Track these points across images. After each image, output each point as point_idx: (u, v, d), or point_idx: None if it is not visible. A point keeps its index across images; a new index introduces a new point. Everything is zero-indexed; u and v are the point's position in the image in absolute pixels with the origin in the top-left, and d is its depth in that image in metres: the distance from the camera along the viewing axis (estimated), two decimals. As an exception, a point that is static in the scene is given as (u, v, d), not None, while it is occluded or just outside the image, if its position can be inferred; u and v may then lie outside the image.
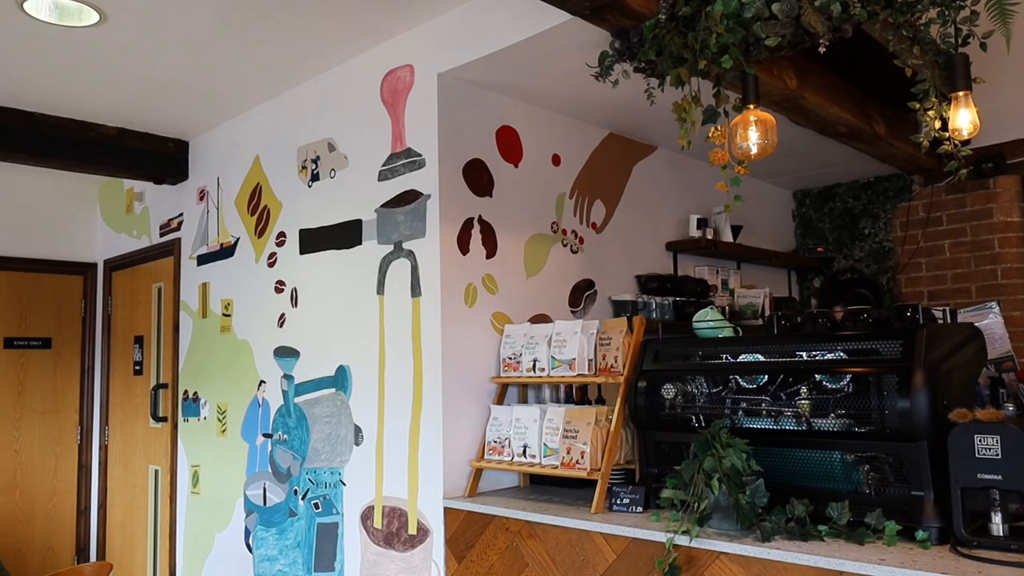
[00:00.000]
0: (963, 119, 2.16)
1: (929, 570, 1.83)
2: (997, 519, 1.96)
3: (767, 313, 4.29)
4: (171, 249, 4.71)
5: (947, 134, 2.21)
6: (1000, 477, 1.93)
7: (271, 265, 3.94)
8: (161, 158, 4.54)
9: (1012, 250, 4.58)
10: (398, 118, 3.30)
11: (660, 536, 2.29)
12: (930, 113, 2.22)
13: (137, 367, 5.05)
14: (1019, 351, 3.70)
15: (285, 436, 3.75)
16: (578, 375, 2.87)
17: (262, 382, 3.93)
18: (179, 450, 4.53)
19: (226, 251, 4.27)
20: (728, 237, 4.48)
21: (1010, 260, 4.57)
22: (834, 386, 2.27)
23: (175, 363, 4.61)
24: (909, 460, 2.12)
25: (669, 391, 2.59)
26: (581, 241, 3.70)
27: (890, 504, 2.16)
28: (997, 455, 1.93)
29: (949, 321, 2.51)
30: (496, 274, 3.26)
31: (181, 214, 4.68)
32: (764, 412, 2.41)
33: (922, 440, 2.08)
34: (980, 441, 1.95)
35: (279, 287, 3.87)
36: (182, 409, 4.53)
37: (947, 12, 2.08)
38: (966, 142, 2.32)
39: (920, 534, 2.04)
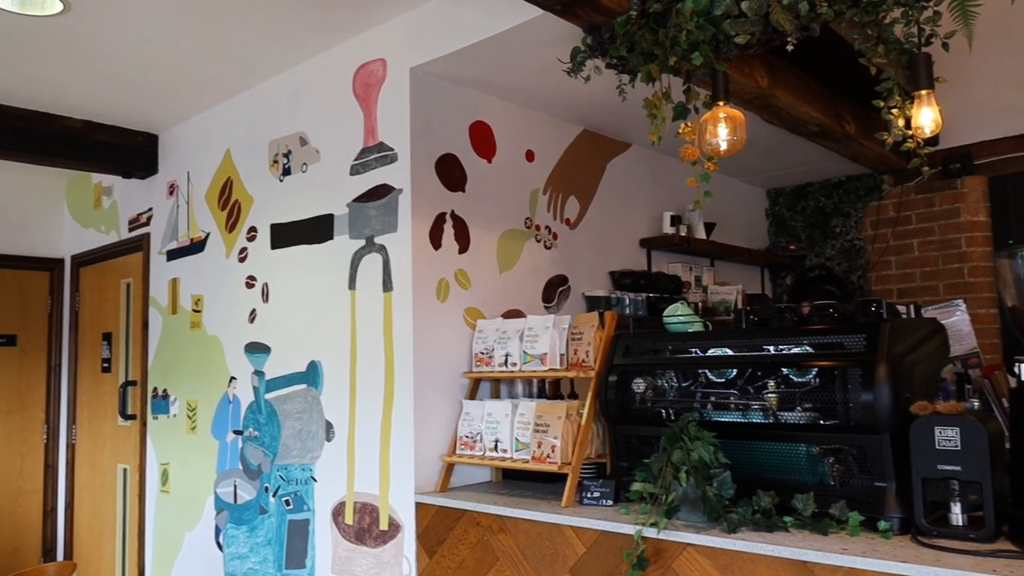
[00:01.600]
0: (925, 117, 2.20)
1: (889, 559, 1.86)
2: (956, 509, 1.99)
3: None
4: (140, 244, 4.65)
5: (910, 132, 2.25)
6: (959, 468, 1.96)
7: (242, 260, 3.90)
8: (130, 152, 4.48)
9: (978, 249, 4.66)
10: (370, 112, 3.29)
11: (629, 529, 2.30)
12: (894, 111, 2.26)
13: (105, 364, 4.97)
14: (985, 348, 3.77)
15: (256, 433, 3.72)
16: (550, 370, 2.88)
17: (233, 378, 3.89)
18: (148, 448, 4.48)
19: (196, 246, 4.23)
20: (701, 234, 4.52)
21: (976, 259, 4.66)
22: (800, 380, 2.29)
23: (144, 360, 4.55)
24: (872, 452, 2.16)
25: (639, 385, 2.61)
26: (555, 237, 3.71)
27: (854, 495, 2.19)
28: (956, 446, 1.97)
29: (913, 316, 2.55)
30: (469, 269, 3.26)
31: (150, 209, 4.62)
32: (732, 405, 2.43)
33: (885, 432, 2.11)
34: (940, 433, 1.98)
35: (250, 282, 3.83)
36: (151, 407, 4.48)
37: (911, 12, 2.11)
38: (929, 141, 2.36)
39: (882, 524, 2.07)
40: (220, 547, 3.88)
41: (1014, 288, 2.01)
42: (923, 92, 2.20)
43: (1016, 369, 1.94)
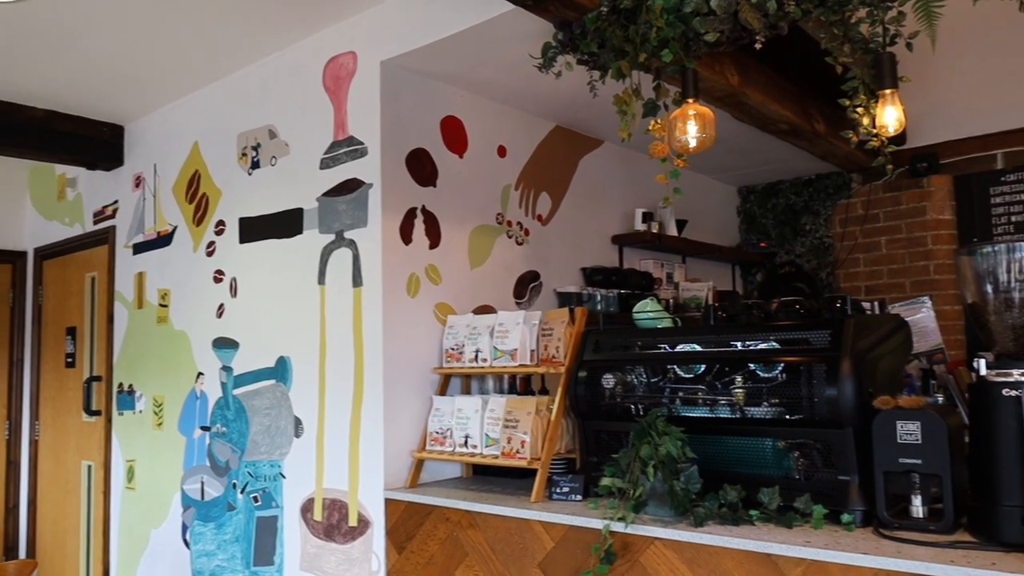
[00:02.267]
0: (889, 116, 2.23)
1: (851, 551, 1.88)
2: (917, 502, 2.02)
3: (711, 306, 4.36)
4: (105, 237, 4.57)
5: (875, 131, 2.28)
6: (920, 461, 2.00)
7: (210, 254, 3.85)
8: (94, 143, 4.40)
9: (944, 247, 4.74)
10: (340, 106, 3.26)
11: (597, 523, 2.31)
12: (859, 110, 2.29)
13: (69, 359, 4.89)
14: (949, 344, 3.84)
15: (223, 429, 3.68)
16: (520, 365, 2.88)
17: (200, 374, 3.84)
18: (113, 444, 4.41)
19: (163, 240, 4.16)
20: (673, 231, 4.55)
21: (942, 256, 4.73)
22: (767, 375, 2.32)
23: (109, 355, 4.48)
24: (836, 446, 2.18)
25: (609, 381, 2.62)
26: (527, 233, 3.71)
27: (818, 489, 2.21)
28: (917, 440, 2.00)
29: (877, 312, 2.58)
30: (440, 265, 3.25)
31: (116, 201, 4.54)
32: (700, 401, 2.45)
33: (848, 426, 2.14)
34: (902, 427, 2.02)
35: (218, 277, 3.79)
36: (117, 402, 4.41)
37: (876, 12, 2.13)
38: (895, 140, 2.39)
39: (845, 517, 2.10)
40: (187, 544, 3.84)
41: (974, 285, 2.04)
42: (887, 91, 2.23)
43: (975, 364, 1.97)
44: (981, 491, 1.94)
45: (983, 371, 1.96)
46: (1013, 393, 1.85)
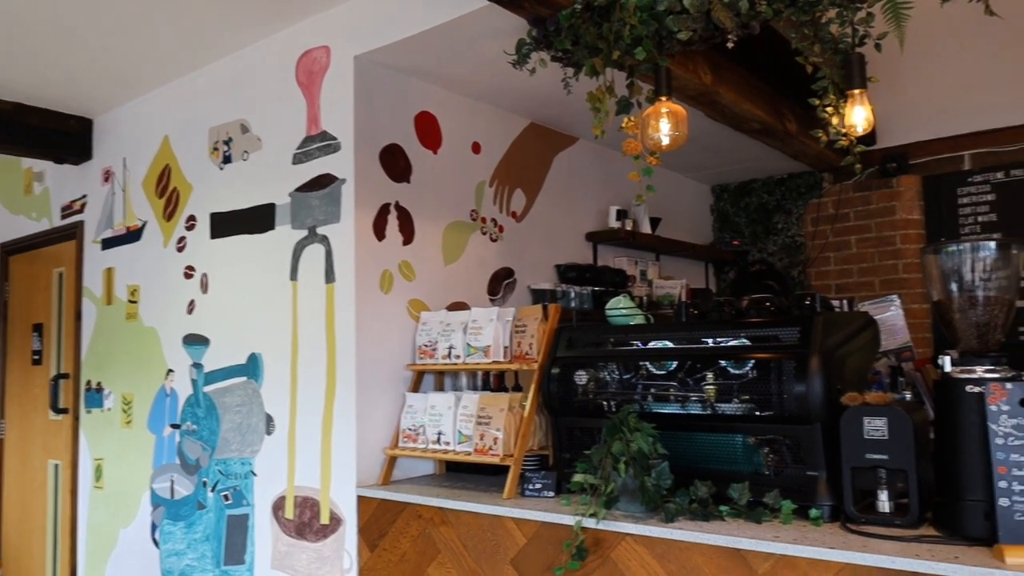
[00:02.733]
0: (858, 116, 2.26)
1: (819, 546, 1.91)
2: (883, 496, 2.05)
3: (684, 303, 4.39)
4: (73, 232, 4.49)
5: (844, 130, 2.30)
6: (887, 457, 2.02)
7: (180, 250, 3.80)
8: (62, 136, 4.32)
9: (913, 246, 4.81)
10: (313, 100, 3.23)
11: (569, 520, 2.31)
12: (828, 110, 2.31)
13: (36, 356, 4.80)
14: (918, 342, 3.89)
15: (194, 427, 3.63)
16: (493, 362, 2.88)
17: (170, 371, 3.79)
18: (81, 443, 4.34)
19: (132, 235, 4.10)
20: (647, 229, 4.57)
21: (911, 256, 4.80)
22: (737, 372, 2.34)
23: (77, 352, 4.40)
24: (805, 442, 2.21)
25: (582, 377, 2.62)
26: (501, 230, 3.70)
27: (787, 484, 2.24)
28: (884, 436, 2.03)
29: (846, 310, 2.61)
30: (413, 261, 3.23)
31: (84, 196, 4.46)
32: (672, 397, 2.46)
33: (816, 423, 2.16)
34: (868, 423, 2.04)
35: (188, 272, 3.74)
36: (84, 400, 4.34)
37: (845, 12, 2.16)
38: (865, 140, 2.43)
39: (813, 512, 2.12)
40: (156, 544, 3.79)
41: (939, 283, 2.08)
42: (856, 91, 2.26)
43: (940, 362, 2.00)
44: (945, 486, 1.97)
45: (948, 368, 1.99)
46: (976, 390, 1.88)
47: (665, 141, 2.49)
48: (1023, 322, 4.05)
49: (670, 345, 2.54)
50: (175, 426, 3.74)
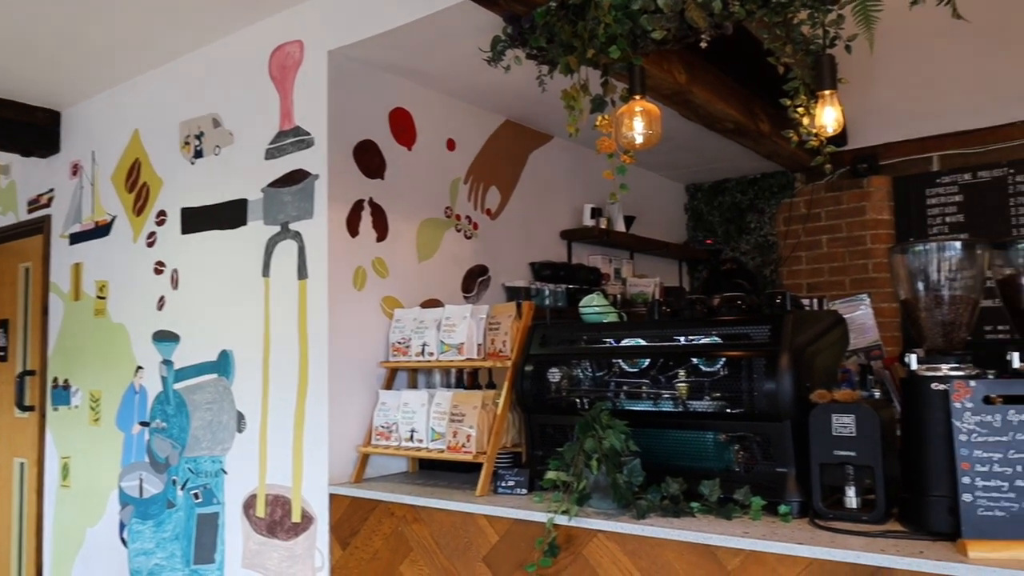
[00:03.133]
0: (828, 117, 2.28)
1: (788, 542, 1.93)
2: (851, 493, 2.08)
3: (658, 301, 4.42)
4: (40, 227, 4.41)
5: (814, 130, 2.33)
6: (854, 453, 2.05)
7: (150, 245, 3.75)
8: (29, 129, 4.23)
9: (882, 246, 4.88)
10: (287, 95, 3.20)
11: (541, 517, 2.31)
12: (799, 110, 2.34)
13: (1, 353, 4.70)
14: (887, 340, 3.95)
15: (163, 424, 3.58)
16: (467, 359, 2.87)
17: (139, 368, 3.74)
18: (47, 441, 4.26)
19: (101, 230, 4.03)
20: (621, 227, 4.59)
21: (880, 255, 4.87)
22: (709, 369, 2.35)
23: (43, 348, 4.33)
24: (775, 439, 2.23)
25: (555, 375, 2.63)
26: (475, 227, 3.70)
27: (757, 481, 2.26)
28: (852, 433, 2.05)
29: (816, 309, 2.65)
30: (387, 258, 3.22)
31: (52, 190, 4.38)
32: (644, 394, 2.48)
33: (786, 420, 2.19)
34: (837, 420, 2.07)
35: (158, 268, 3.69)
36: (51, 397, 4.26)
37: (816, 14, 2.18)
38: (836, 140, 2.45)
39: (783, 508, 2.15)
40: (124, 543, 3.73)
41: (906, 282, 2.11)
42: (827, 92, 2.28)
43: (906, 360, 2.03)
44: (911, 482, 2.00)
45: (914, 366, 2.02)
46: (941, 387, 1.91)
47: (639, 140, 2.50)
48: (990, 321, 4.12)
49: (643, 343, 2.55)
50: (144, 424, 3.69)
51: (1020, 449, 1.79)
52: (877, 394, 2.47)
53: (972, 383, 1.85)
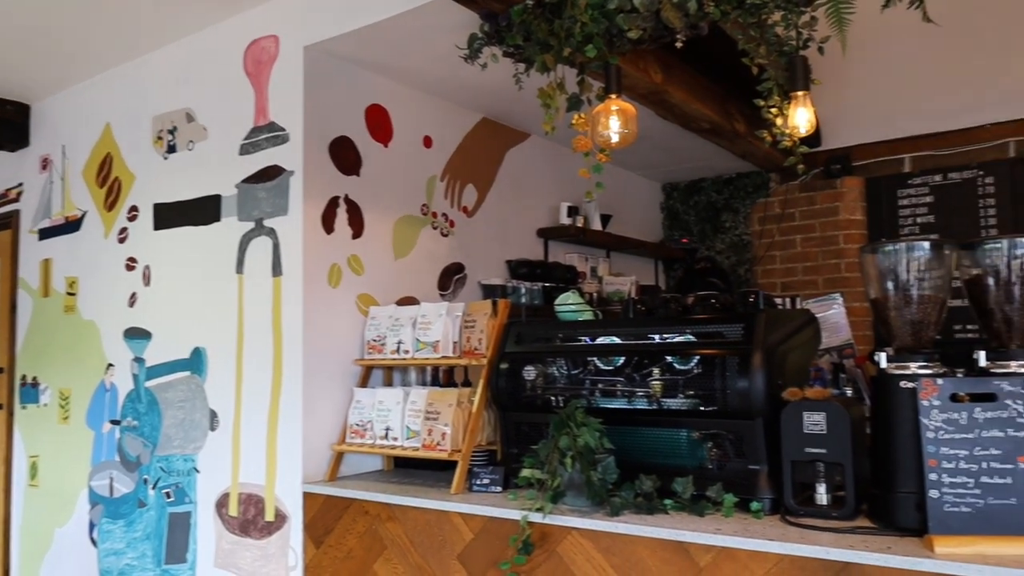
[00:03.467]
0: (801, 117, 2.31)
1: (759, 538, 1.95)
2: (822, 489, 2.10)
3: (634, 300, 4.44)
4: (8, 222, 4.34)
5: (787, 131, 2.35)
6: (825, 451, 2.08)
7: (121, 241, 3.69)
8: (-3, 121, 4.16)
9: (855, 246, 4.93)
10: (261, 90, 3.17)
11: (516, 514, 2.32)
12: (773, 111, 2.36)
13: (-33, 350, 4.61)
14: (859, 339, 4.00)
15: (135, 422, 3.54)
16: (442, 357, 2.87)
17: (110, 365, 3.69)
18: (15, 440, 4.19)
19: (71, 225, 3.97)
20: (597, 226, 4.60)
21: (853, 255, 4.92)
22: (683, 367, 2.37)
23: (11, 346, 4.25)
24: (747, 436, 2.25)
25: (530, 373, 2.63)
26: (452, 224, 3.69)
27: (730, 478, 2.28)
28: (823, 430, 2.08)
29: (789, 308, 2.67)
30: (362, 255, 3.20)
31: (21, 184, 4.31)
32: (619, 392, 2.49)
33: (758, 417, 2.21)
34: (808, 417, 2.09)
35: (130, 264, 3.64)
36: (19, 395, 4.19)
37: (789, 16, 2.20)
38: (809, 141, 2.48)
39: (755, 505, 2.17)
40: (94, 543, 3.68)
41: (876, 282, 2.14)
42: (799, 93, 2.31)
43: (876, 358, 2.06)
44: (880, 479, 2.03)
45: (883, 364, 2.05)
46: (910, 385, 1.94)
47: (615, 139, 2.51)
48: (959, 321, 4.19)
49: (618, 341, 2.56)
50: (115, 422, 3.64)
51: (985, 446, 1.82)
52: (849, 392, 2.50)
53: (939, 381, 1.88)
